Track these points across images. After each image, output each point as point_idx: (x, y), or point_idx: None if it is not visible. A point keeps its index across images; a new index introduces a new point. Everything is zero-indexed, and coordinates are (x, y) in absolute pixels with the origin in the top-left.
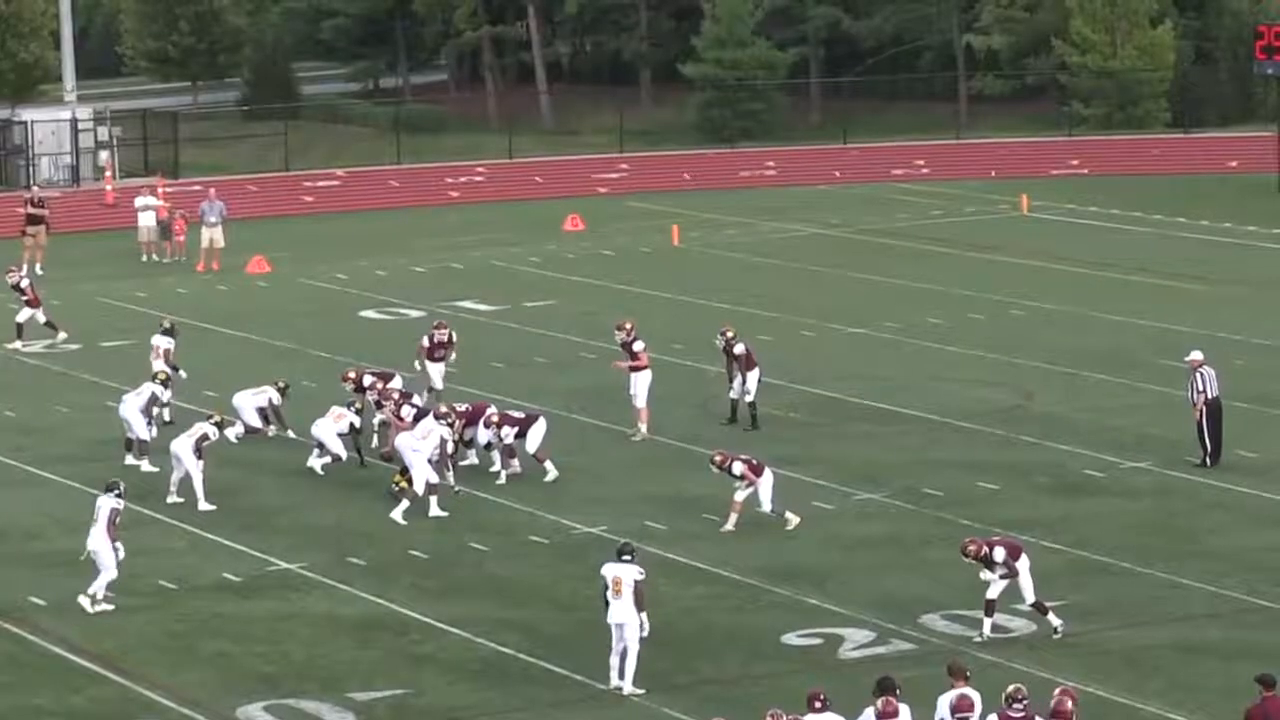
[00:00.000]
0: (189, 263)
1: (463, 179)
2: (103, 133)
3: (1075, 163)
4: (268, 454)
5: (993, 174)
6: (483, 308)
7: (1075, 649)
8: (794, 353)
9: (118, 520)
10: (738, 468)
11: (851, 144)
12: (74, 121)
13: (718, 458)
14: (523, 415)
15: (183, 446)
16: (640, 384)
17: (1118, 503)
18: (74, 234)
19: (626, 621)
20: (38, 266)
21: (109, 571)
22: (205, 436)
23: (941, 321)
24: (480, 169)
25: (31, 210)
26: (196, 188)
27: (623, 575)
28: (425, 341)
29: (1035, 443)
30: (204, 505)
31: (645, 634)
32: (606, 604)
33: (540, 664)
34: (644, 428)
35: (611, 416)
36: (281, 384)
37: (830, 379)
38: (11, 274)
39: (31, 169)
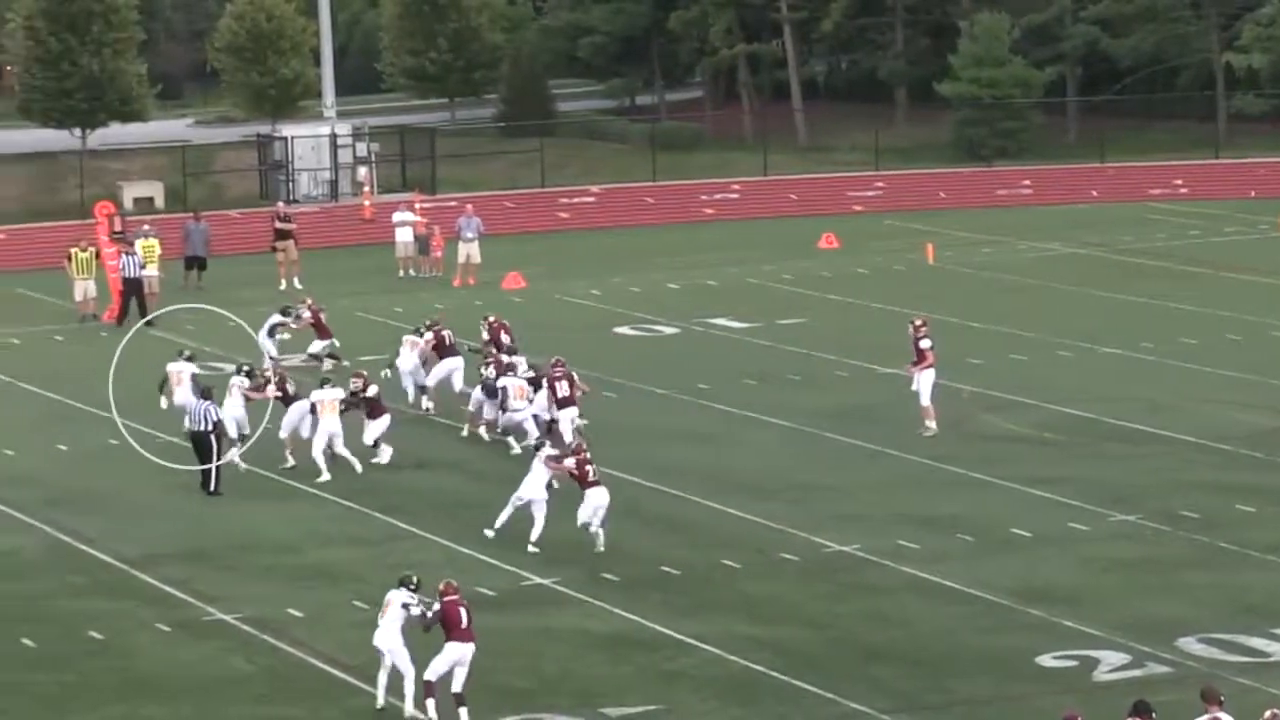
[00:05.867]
0: (446, 278)
1: (717, 196)
2: (361, 149)
3: None
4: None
5: (1252, 194)
6: (736, 325)
7: None
8: (1050, 372)
9: None
10: None
11: (1109, 163)
12: (333, 137)
13: None
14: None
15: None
16: (924, 382)
17: None
18: (332, 249)
19: (393, 647)
20: (295, 281)
21: None
22: (259, 387)
23: (1197, 342)
24: (735, 186)
25: (279, 225)
26: (453, 204)
27: (392, 599)
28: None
29: None
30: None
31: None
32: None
33: (791, 682)
34: (932, 424)
35: (861, 434)
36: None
37: (1085, 399)
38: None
39: (291, 184)
